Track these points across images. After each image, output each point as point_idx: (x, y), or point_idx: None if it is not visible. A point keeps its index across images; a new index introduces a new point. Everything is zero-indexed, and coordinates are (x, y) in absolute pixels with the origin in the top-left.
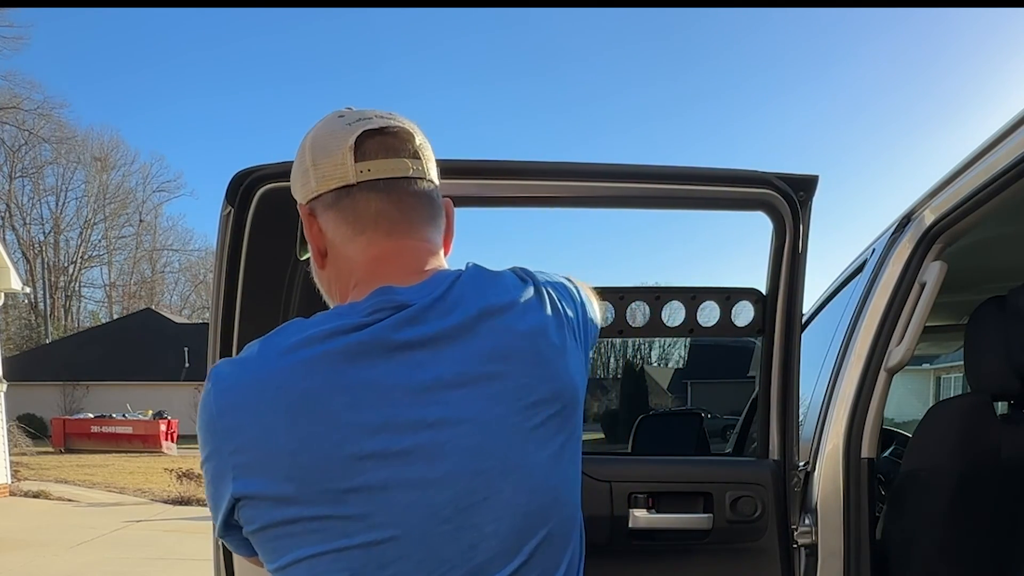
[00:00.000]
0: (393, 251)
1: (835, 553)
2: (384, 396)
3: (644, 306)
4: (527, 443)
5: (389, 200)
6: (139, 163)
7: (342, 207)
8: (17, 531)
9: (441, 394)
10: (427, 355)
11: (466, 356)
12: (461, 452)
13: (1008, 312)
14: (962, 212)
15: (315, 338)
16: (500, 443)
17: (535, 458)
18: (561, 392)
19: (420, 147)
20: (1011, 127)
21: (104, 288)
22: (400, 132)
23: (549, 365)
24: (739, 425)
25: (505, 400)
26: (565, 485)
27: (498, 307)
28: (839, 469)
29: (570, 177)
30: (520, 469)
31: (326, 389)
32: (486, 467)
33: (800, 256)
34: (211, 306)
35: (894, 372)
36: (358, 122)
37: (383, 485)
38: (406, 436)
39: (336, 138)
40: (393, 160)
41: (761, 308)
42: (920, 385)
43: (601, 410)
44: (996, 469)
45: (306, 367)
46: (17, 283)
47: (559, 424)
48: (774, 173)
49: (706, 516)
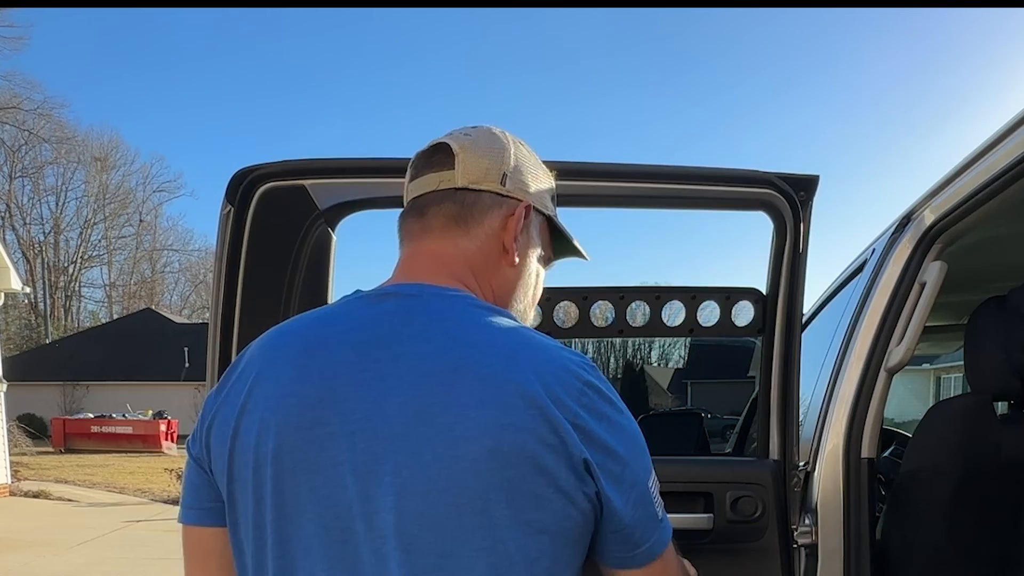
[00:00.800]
0: (402, 258)
1: (835, 553)
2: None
3: (644, 306)
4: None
5: (413, 217)
6: (139, 163)
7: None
8: (17, 531)
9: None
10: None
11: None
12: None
13: (1008, 312)
14: (962, 212)
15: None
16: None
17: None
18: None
19: (459, 154)
20: (1011, 127)
21: (104, 288)
22: (438, 146)
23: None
24: (739, 425)
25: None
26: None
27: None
28: (839, 469)
29: (570, 176)
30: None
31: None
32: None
33: (800, 256)
34: (211, 306)
35: (894, 372)
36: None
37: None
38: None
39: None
40: (421, 178)
41: (761, 308)
42: (920, 385)
43: None
44: (996, 469)
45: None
46: (17, 283)
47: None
48: (775, 173)
49: (706, 516)
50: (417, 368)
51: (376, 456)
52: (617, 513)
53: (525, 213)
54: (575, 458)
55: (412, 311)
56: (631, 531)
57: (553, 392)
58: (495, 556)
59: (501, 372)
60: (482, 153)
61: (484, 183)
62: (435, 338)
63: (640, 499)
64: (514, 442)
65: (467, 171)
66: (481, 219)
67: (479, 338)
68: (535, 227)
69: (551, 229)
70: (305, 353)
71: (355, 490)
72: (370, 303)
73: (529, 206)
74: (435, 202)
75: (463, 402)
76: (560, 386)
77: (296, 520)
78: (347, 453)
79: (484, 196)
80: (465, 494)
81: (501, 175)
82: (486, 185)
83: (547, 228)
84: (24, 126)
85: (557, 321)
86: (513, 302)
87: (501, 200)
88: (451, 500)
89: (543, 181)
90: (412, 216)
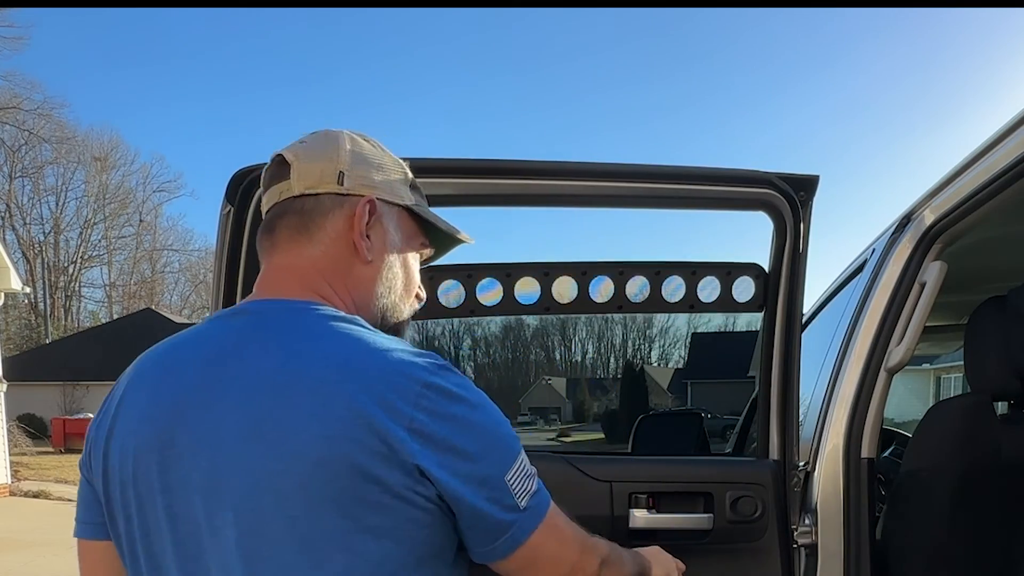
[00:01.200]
0: (260, 275)
1: (835, 553)
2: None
3: (644, 281)
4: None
5: (264, 233)
6: (139, 163)
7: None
8: (17, 531)
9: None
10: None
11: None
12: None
13: (1008, 312)
14: (962, 212)
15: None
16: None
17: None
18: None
19: (293, 163)
20: (1011, 127)
21: (104, 288)
22: (274, 160)
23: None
24: (739, 425)
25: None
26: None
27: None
28: (839, 469)
29: (570, 176)
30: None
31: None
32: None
33: (800, 256)
34: (211, 306)
35: (894, 372)
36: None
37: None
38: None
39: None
40: (266, 194)
41: (762, 283)
42: (920, 385)
43: (601, 410)
44: (996, 469)
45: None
46: (17, 283)
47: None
48: (775, 173)
49: (706, 516)
50: (255, 385)
51: (217, 474)
52: (470, 510)
53: (371, 208)
54: (407, 464)
55: (257, 327)
56: (487, 525)
57: (384, 399)
58: (337, 565)
59: (332, 383)
60: (315, 156)
61: (321, 186)
62: (274, 353)
63: (494, 493)
64: (341, 453)
65: (302, 177)
66: (323, 223)
67: (315, 350)
68: (390, 220)
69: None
70: (160, 376)
71: (202, 508)
72: (224, 322)
73: (372, 200)
74: (279, 215)
75: (293, 415)
76: (393, 392)
77: (158, 539)
78: (194, 472)
79: (323, 199)
80: (299, 507)
81: (337, 174)
82: (323, 188)
83: (412, 218)
84: (24, 126)
85: (556, 296)
86: (376, 299)
87: (342, 199)
88: (287, 514)
89: (392, 172)
90: (263, 232)
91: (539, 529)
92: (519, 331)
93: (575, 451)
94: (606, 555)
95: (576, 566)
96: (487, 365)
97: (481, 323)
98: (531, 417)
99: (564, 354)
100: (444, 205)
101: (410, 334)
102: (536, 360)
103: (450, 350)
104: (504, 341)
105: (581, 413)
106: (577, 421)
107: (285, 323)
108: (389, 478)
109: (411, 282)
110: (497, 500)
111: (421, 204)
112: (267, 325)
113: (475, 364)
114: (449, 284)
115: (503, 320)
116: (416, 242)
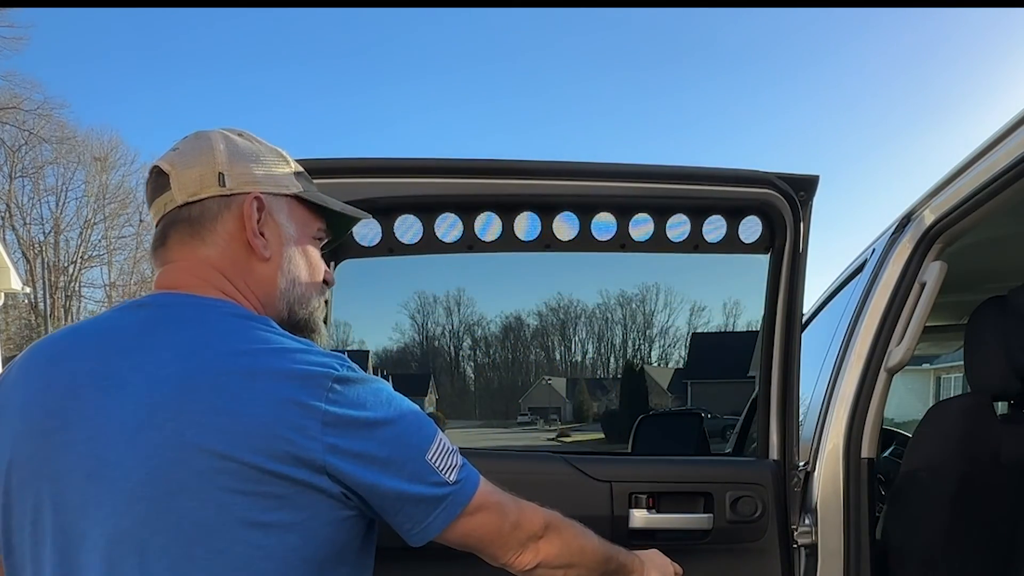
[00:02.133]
0: (158, 274)
1: (835, 553)
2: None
3: (647, 217)
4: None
5: (157, 244)
6: (139, 163)
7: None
8: None
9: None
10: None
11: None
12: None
13: (1008, 312)
14: (962, 212)
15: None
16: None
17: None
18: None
19: (171, 172)
20: (1011, 127)
21: (104, 288)
22: (152, 172)
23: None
24: (739, 425)
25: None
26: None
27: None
28: (839, 469)
29: (566, 176)
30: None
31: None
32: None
33: (800, 256)
34: None
35: (894, 372)
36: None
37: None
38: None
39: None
40: (151, 208)
41: (768, 223)
42: (920, 385)
43: (601, 410)
44: (996, 469)
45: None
46: (17, 283)
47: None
48: (774, 173)
49: (706, 516)
50: (154, 376)
51: (108, 462)
52: (393, 494)
53: (258, 204)
54: (314, 461)
55: (161, 320)
56: (417, 503)
57: (291, 396)
58: (235, 558)
59: (236, 380)
60: (191, 162)
61: (203, 191)
62: (176, 346)
63: (418, 473)
64: (245, 448)
65: (182, 186)
66: (214, 227)
67: (220, 346)
68: (282, 212)
69: (315, 203)
70: (53, 363)
71: (90, 494)
72: (129, 312)
73: (257, 196)
74: (168, 225)
75: (195, 408)
76: (300, 389)
77: (41, 524)
78: (83, 459)
79: (208, 204)
80: (196, 498)
81: (217, 176)
82: (206, 193)
83: (303, 205)
84: (24, 126)
85: (557, 233)
86: (280, 294)
87: (228, 200)
88: (183, 504)
89: (273, 163)
90: (155, 245)
91: (474, 498)
92: (519, 331)
93: (575, 451)
94: (552, 519)
95: (517, 525)
96: (487, 365)
97: (481, 323)
98: (531, 417)
99: (564, 354)
100: (431, 207)
101: (324, 334)
102: (536, 360)
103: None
104: (504, 341)
105: (581, 413)
106: (577, 421)
107: (190, 318)
108: (294, 473)
109: (314, 270)
110: (421, 478)
111: (310, 189)
112: (171, 318)
113: (475, 364)
114: (449, 219)
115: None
116: (312, 228)
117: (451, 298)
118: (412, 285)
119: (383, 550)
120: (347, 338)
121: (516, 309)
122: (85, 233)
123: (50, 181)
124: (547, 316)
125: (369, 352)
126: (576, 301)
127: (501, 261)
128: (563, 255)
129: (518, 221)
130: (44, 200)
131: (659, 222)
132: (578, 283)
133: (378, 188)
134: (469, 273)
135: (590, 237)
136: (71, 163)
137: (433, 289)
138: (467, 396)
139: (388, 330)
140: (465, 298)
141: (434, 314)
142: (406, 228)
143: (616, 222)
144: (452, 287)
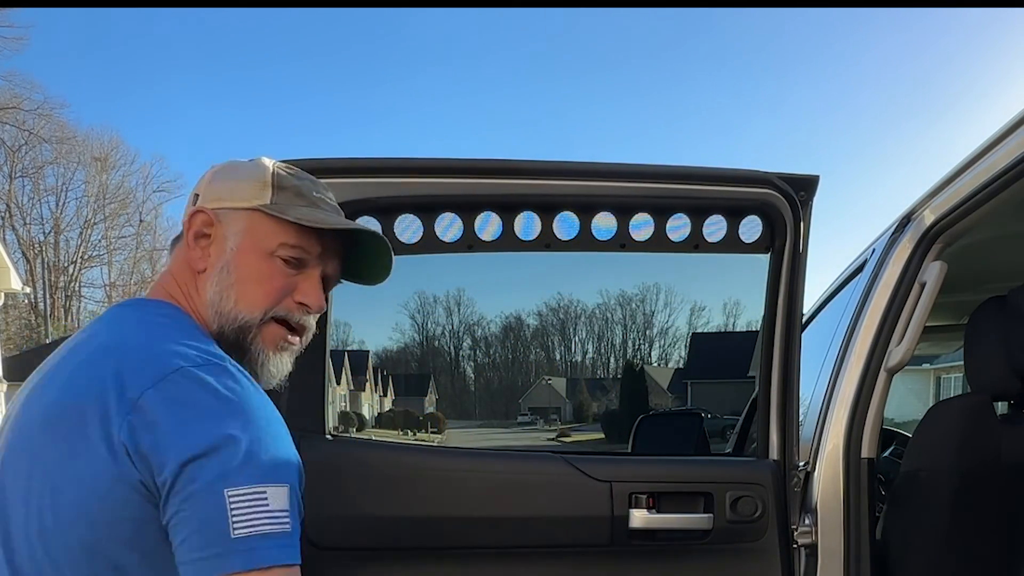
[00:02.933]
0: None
1: (835, 553)
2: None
3: (648, 218)
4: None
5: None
6: (139, 163)
7: None
8: None
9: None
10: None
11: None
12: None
13: (1008, 312)
14: (962, 212)
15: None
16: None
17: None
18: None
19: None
20: (1011, 127)
21: (104, 288)
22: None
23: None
24: (739, 425)
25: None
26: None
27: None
28: (839, 469)
29: (570, 176)
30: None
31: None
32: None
33: (800, 256)
34: None
35: (894, 372)
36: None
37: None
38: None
39: None
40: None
41: (769, 223)
42: (920, 385)
43: (601, 410)
44: (996, 469)
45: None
46: (17, 283)
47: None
48: (775, 173)
49: (706, 516)
50: (63, 374)
51: (15, 462)
52: (175, 507)
53: (203, 218)
54: (114, 439)
55: (101, 321)
56: (179, 532)
57: (121, 375)
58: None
59: (95, 360)
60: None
61: (187, 211)
62: (88, 345)
63: (203, 502)
64: (70, 410)
65: (186, 212)
66: (181, 241)
67: (107, 335)
68: (232, 225)
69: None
70: (40, 370)
71: (10, 490)
72: (101, 316)
73: (200, 210)
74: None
75: (55, 388)
76: (138, 370)
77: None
78: (7, 455)
79: (184, 221)
80: (87, 497)
81: (194, 197)
82: (187, 212)
83: (272, 219)
84: (24, 126)
85: (557, 233)
86: (210, 304)
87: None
88: (70, 499)
89: (246, 177)
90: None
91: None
92: (519, 331)
93: (575, 451)
94: None
95: None
96: (487, 365)
97: (481, 323)
98: (531, 417)
99: (564, 354)
100: (431, 207)
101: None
102: (536, 360)
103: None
104: (504, 341)
105: (581, 413)
106: (577, 421)
107: (120, 316)
108: (98, 449)
109: (254, 283)
110: (201, 512)
111: (282, 203)
112: (109, 320)
113: (475, 364)
114: (448, 219)
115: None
116: (272, 241)
117: (451, 298)
118: (412, 285)
119: (383, 550)
120: (347, 338)
121: (516, 309)
122: (85, 233)
123: (50, 181)
124: (547, 316)
125: (369, 352)
126: (576, 301)
127: (501, 261)
128: (563, 255)
129: (518, 221)
130: (44, 200)
131: (659, 222)
132: (578, 283)
133: (378, 188)
134: (469, 273)
135: (590, 237)
136: (71, 163)
137: (433, 289)
138: (467, 396)
139: (388, 330)
140: (465, 298)
141: (434, 314)
142: (406, 228)
143: (616, 222)
144: (452, 287)
